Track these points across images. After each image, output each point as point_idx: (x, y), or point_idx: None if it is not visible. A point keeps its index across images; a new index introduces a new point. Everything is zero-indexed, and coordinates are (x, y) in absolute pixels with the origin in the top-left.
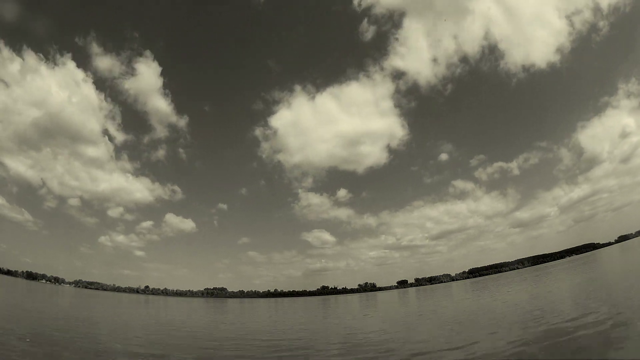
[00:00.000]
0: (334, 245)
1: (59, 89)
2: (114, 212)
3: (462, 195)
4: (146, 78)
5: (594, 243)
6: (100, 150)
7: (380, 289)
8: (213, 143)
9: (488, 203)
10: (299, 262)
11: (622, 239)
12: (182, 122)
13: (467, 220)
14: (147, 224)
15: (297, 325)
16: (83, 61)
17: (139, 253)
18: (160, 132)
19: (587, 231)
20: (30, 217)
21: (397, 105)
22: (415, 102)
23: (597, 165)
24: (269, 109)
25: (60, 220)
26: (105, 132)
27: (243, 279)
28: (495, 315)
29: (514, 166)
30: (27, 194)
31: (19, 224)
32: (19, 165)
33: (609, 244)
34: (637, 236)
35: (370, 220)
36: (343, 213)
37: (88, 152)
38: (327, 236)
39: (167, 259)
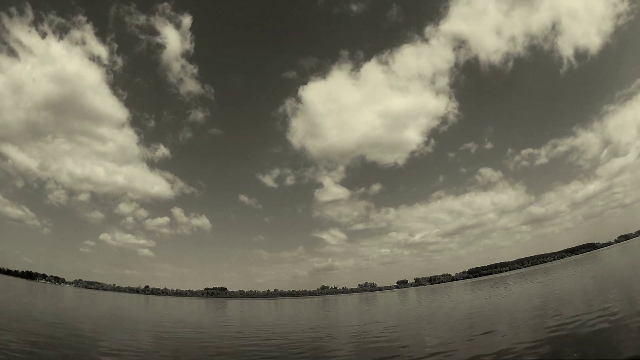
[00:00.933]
0: (345, 243)
1: (71, 58)
2: (126, 208)
3: (487, 186)
4: (172, 40)
5: (593, 243)
6: (116, 134)
7: (380, 289)
8: (239, 121)
9: (511, 194)
10: (305, 260)
11: (623, 238)
12: (209, 95)
13: (487, 214)
14: (163, 220)
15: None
16: (98, 19)
17: (145, 252)
18: (186, 109)
19: (595, 229)
20: (33, 215)
21: (455, 84)
22: (472, 79)
23: (618, 157)
24: (304, 78)
25: (63, 218)
26: (123, 114)
27: (246, 278)
28: (505, 314)
29: (542, 153)
30: (29, 189)
31: (20, 222)
32: (23, 157)
33: (609, 244)
34: (637, 236)
35: (387, 215)
36: (362, 206)
37: (101, 134)
38: (339, 233)
39: (174, 258)
